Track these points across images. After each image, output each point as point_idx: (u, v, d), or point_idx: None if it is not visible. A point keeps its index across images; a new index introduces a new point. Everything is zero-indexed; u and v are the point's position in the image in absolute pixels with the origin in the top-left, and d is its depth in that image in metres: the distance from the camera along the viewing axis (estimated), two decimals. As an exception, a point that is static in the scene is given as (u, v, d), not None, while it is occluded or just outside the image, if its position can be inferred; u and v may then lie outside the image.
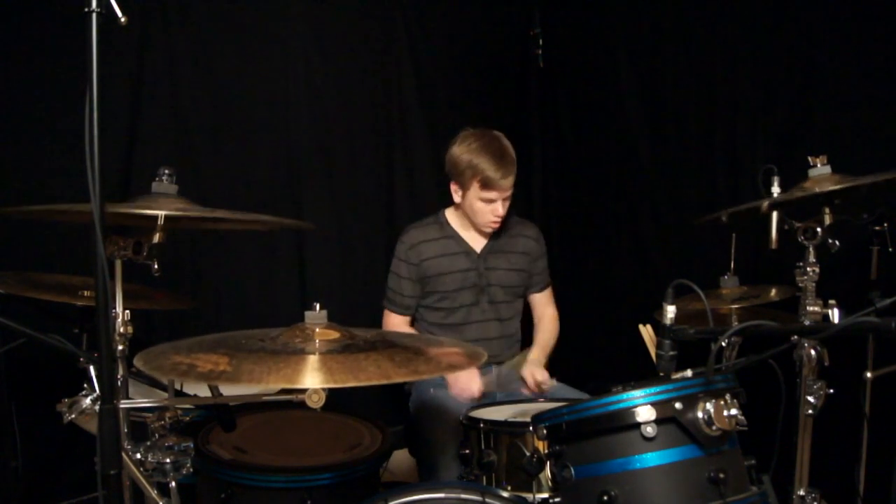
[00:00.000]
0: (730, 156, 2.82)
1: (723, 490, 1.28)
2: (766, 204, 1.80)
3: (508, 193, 2.36)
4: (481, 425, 1.83)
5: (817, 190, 1.78)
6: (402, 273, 2.46)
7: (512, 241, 2.52)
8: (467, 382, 2.25)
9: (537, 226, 2.64)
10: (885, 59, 2.32)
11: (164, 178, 1.60)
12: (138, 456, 1.46)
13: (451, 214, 2.51)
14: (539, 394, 2.28)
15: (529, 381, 2.30)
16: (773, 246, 1.82)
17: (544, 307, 2.62)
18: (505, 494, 1.62)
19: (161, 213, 1.48)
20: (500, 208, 2.36)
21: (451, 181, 2.43)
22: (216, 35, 2.89)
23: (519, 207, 2.78)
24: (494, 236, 2.50)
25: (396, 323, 2.49)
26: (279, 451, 1.82)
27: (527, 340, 2.58)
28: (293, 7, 3.05)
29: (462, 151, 2.35)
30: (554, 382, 2.34)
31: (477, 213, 2.38)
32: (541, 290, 2.60)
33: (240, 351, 1.35)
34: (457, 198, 2.43)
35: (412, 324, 2.54)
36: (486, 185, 2.31)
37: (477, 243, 2.48)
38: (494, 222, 2.39)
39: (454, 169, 2.38)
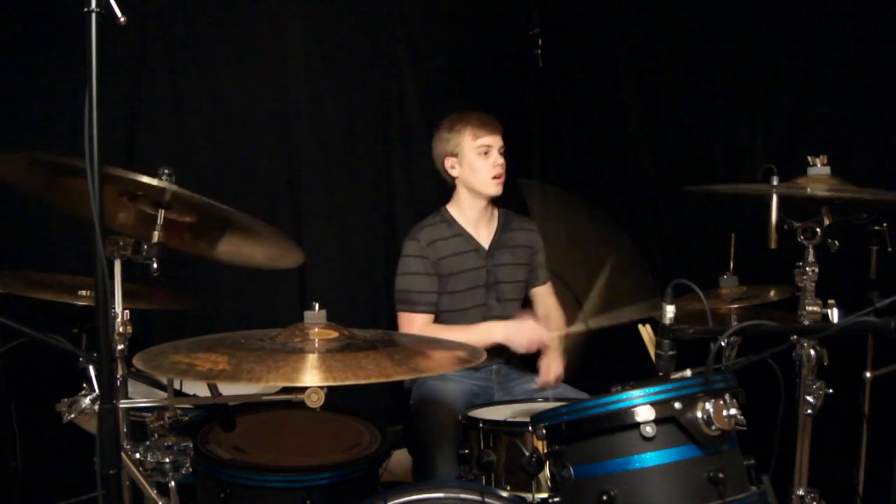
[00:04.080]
0: (729, 155, 2.82)
1: (722, 490, 1.28)
2: (772, 189, 1.80)
3: (501, 146, 2.40)
4: (481, 425, 1.83)
5: (809, 191, 1.79)
6: (420, 270, 2.37)
7: (515, 234, 2.52)
8: (534, 331, 2.24)
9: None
10: (886, 60, 2.33)
11: (164, 177, 1.59)
12: (138, 456, 1.47)
13: (453, 210, 2.49)
14: (546, 388, 2.27)
15: (545, 373, 2.29)
16: (773, 245, 1.83)
17: (547, 298, 2.58)
18: (504, 494, 1.63)
19: (170, 187, 1.46)
20: (499, 157, 2.39)
21: (445, 165, 2.43)
22: (216, 35, 2.89)
23: (519, 207, 2.78)
24: (500, 230, 2.49)
25: (421, 325, 2.34)
26: (278, 451, 1.83)
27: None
28: (293, 8, 3.05)
29: (447, 124, 2.43)
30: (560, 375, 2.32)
31: (478, 171, 2.38)
32: (542, 283, 2.59)
33: (239, 350, 1.35)
34: (455, 172, 2.42)
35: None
36: (479, 131, 2.37)
37: (484, 239, 2.48)
38: (498, 176, 2.39)
39: (446, 144, 2.42)
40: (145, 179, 1.44)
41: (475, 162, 2.39)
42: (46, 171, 1.56)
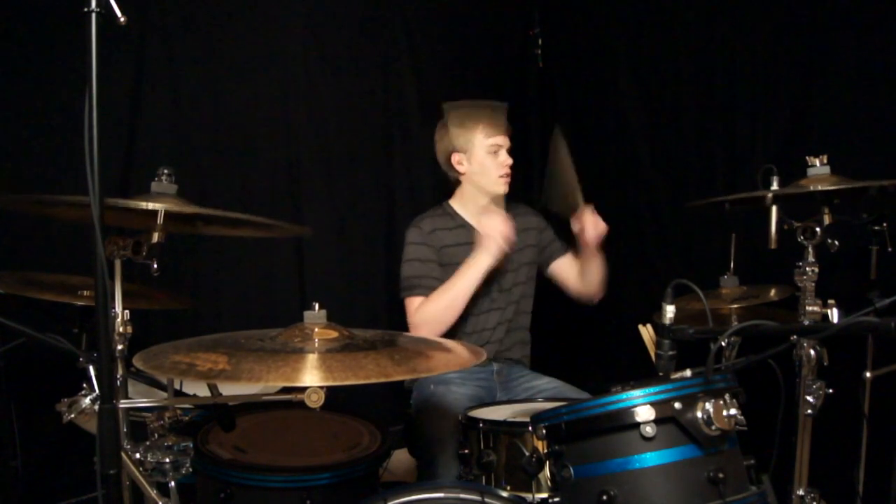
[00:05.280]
0: (729, 156, 2.83)
1: (722, 490, 1.28)
2: (769, 196, 1.80)
3: (509, 146, 2.42)
4: (481, 425, 1.83)
5: (812, 189, 1.79)
6: (422, 256, 2.36)
7: (517, 220, 2.51)
8: (500, 231, 2.22)
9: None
10: (885, 59, 2.33)
11: (164, 178, 1.60)
12: (138, 456, 1.47)
13: (456, 204, 2.49)
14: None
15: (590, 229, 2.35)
16: (773, 245, 1.83)
17: (570, 268, 2.56)
18: (504, 494, 1.62)
19: (161, 207, 1.47)
20: (507, 157, 2.40)
21: (452, 161, 2.41)
22: (216, 35, 2.89)
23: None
24: None
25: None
26: (278, 451, 1.82)
27: (537, 337, 2.57)
28: (293, 8, 3.05)
29: (456, 116, 2.41)
30: None
31: (487, 169, 2.38)
32: (562, 255, 2.58)
33: (239, 350, 1.35)
34: (462, 168, 2.41)
35: None
36: (491, 129, 2.38)
37: None
38: (506, 175, 2.40)
39: (455, 139, 2.39)
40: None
41: (485, 160, 2.38)
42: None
